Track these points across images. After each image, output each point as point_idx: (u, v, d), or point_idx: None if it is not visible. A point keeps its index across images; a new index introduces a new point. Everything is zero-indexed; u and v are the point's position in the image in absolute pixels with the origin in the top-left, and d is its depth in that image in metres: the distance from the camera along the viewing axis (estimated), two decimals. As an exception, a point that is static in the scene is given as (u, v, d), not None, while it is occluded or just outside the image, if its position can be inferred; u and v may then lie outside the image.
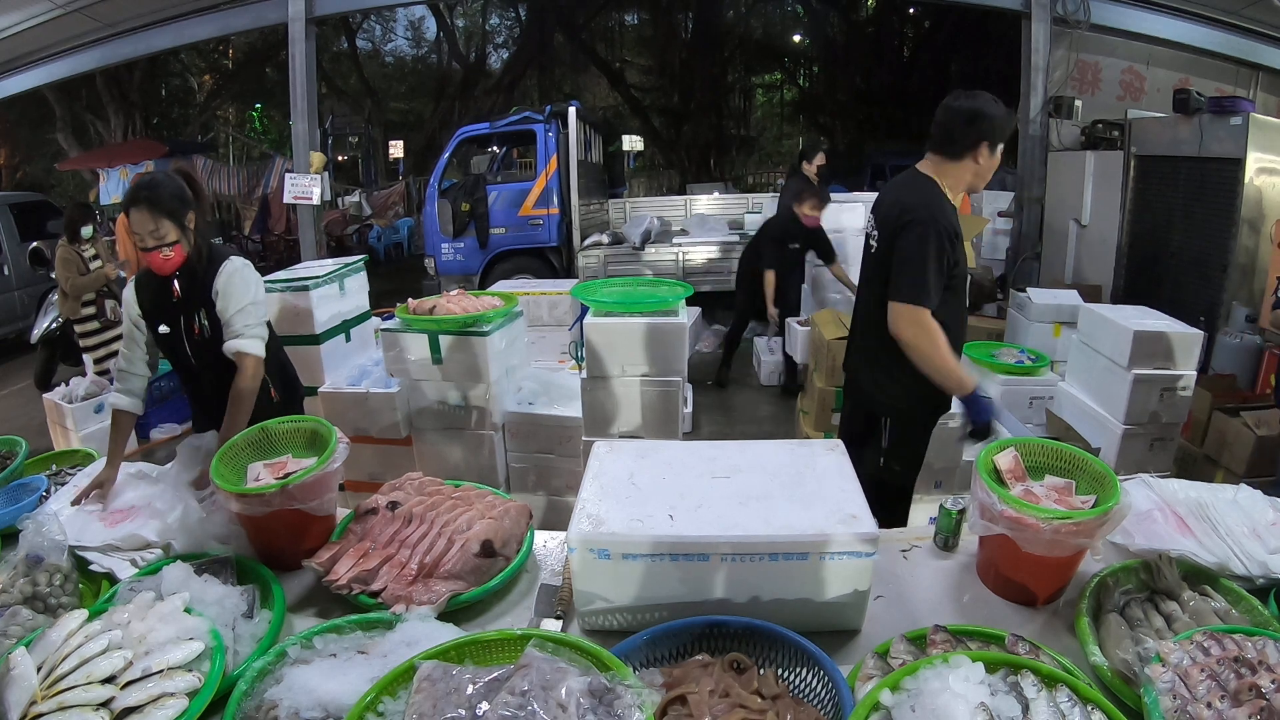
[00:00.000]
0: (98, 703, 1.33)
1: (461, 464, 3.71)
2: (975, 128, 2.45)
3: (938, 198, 2.51)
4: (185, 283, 2.59)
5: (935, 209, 2.47)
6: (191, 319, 2.61)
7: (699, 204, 10.89)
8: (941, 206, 2.49)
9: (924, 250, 2.43)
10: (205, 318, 2.60)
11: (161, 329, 2.63)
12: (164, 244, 2.47)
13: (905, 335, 2.47)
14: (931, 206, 2.47)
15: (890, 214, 2.56)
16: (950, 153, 2.51)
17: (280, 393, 2.86)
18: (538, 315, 4.71)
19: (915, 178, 2.59)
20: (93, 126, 15.10)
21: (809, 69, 22.91)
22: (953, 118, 2.47)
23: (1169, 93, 6.98)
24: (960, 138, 2.47)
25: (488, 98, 19.77)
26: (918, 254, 2.44)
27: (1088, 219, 7.56)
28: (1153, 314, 4.01)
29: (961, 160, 2.50)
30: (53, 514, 1.95)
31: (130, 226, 2.49)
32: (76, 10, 8.23)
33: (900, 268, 2.47)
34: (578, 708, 1.14)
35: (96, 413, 4.95)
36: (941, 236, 2.44)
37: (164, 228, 2.46)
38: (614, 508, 1.65)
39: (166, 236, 2.47)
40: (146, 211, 2.44)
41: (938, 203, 2.50)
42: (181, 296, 2.60)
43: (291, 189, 8.26)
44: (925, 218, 2.44)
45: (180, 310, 2.61)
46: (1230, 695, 1.22)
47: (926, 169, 2.57)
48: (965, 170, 2.51)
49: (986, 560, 1.84)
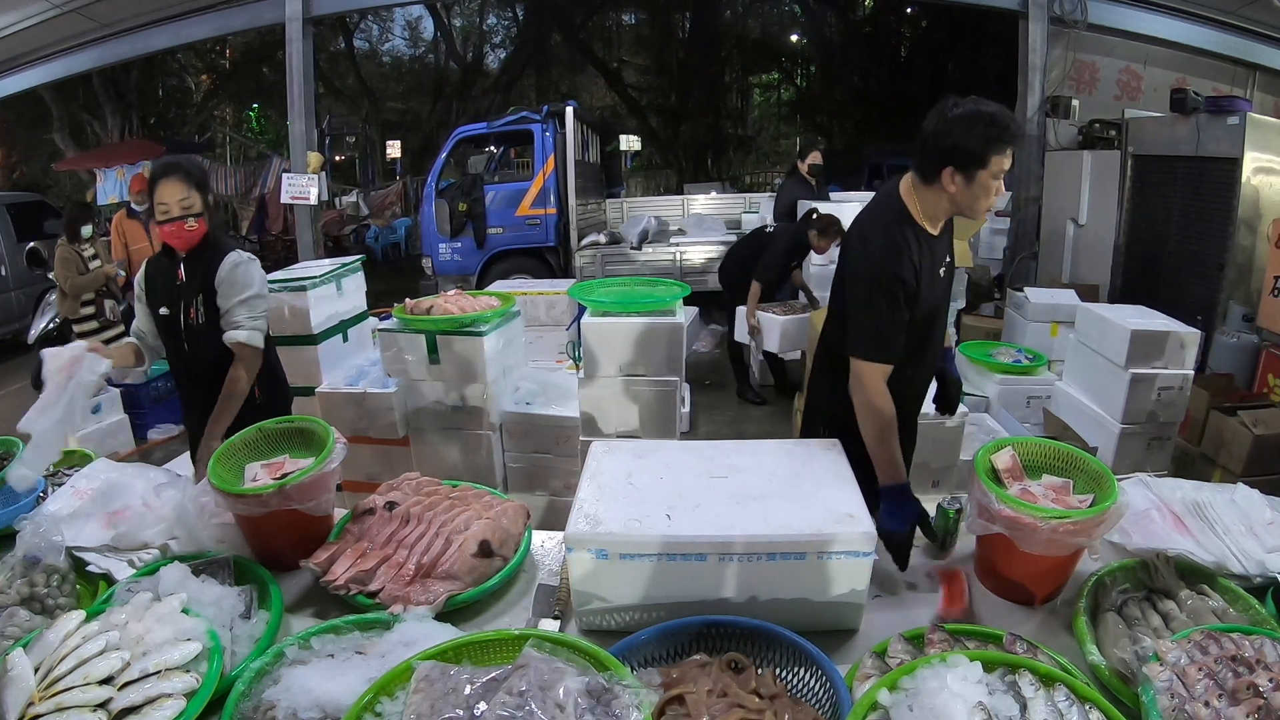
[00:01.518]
0: (95, 704, 1.33)
1: (459, 464, 3.71)
2: (938, 150, 2.02)
3: (887, 230, 2.13)
4: (190, 267, 2.67)
5: (873, 247, 2.12)
6: (190, 303, 2.67)
7: (696, 204, 10.90)
8: (893, 246, 2.09)
9: (866, 295, 2.12)
10: (202, 304, 2.66)
11: (162, 311, 2.70)
12: (190, 214, 2.58)
13: (854, 394, 2.14)
14: (870, 244, 2.14)
15: (847, 242, 2.31)
16: (920, 175, 2.12)
17: (264, 392, 2.84)
18: (535, 315, 4.71)
19: (883, 198, 2.25)
20: (89, 126, 15.06)
21: (806, 69, 22.91)
22: (922, 134, 2.07)
23: (1166, 92, 6.98)
24: (926, 159, 2.07)
25: (485, 97, 19.74)
26: (861, 299, 2.14)
27: (1085, 218, 7.57)
28: (1150, 313, 4.02)
29: (931, 185, 2.09)
30: (50, 515, 1.95)
31: (157, 198, 2.58)
32: (73, 10, 8.20)
33: (851, 315, 2.18)
34: (575, 708, 1.14)
35: (94, 413, 4.94)
36: (876, 278, 2.10)
37: (192, 198, 2.58)
38: (612, 508, 1.65)
39: (193, 207, 2.58)
40: (178, 181, 2.56)
41: (884, 238, 2.11)
42: (185, 280, 2.67)
43: (289, 189, 8.25)
44: (861, 254, 2.16)
45: (181, 294, 2.68)
46: (1228, 694, 1.22)
47: (904, 189, 2.19)
48: (940, 196, 2.09)
49: (984, 559, 1.84)
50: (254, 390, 2.76)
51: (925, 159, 2.06)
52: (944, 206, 2.13)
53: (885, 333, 2.11)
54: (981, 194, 2.05)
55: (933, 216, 2.16)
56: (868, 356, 2.11)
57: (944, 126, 2.00)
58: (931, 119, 2.04)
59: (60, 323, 6.82)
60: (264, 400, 2.82)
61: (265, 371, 2.85)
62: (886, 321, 2.10)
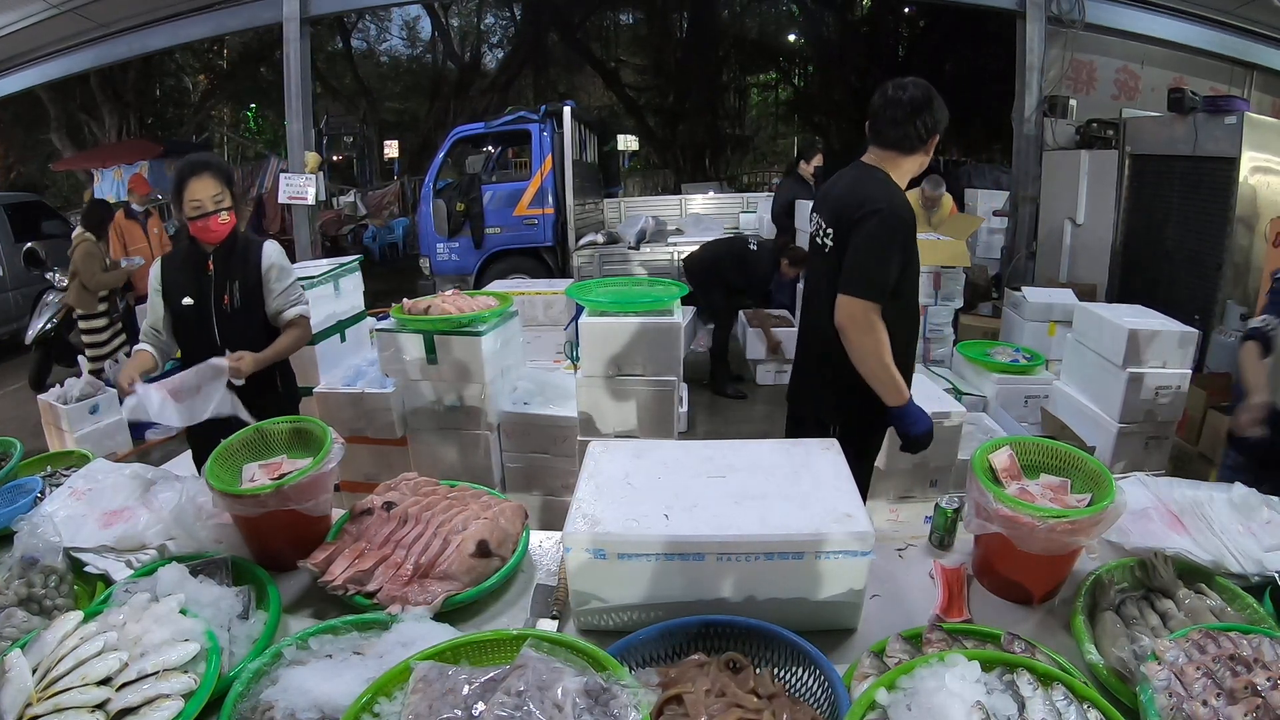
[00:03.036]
0: (93, 704, 1.33)
1: (457, 464, 3.71)
2: (929, 118, 2.35)
3: (896, 190, 2.42)
4: (220, 258, 2.83)
5: (896, 202, 2.38)
6: (224, 292, 2.83)
7: (694, 203, 10.89)
8: (903, 199, 2.41)
9: (884, 242, 2.34)
10: (239, 290, 2.84)
11: (185, 301, 2.82)
12: (223, 208, 2.74)
13: (849, 331, 2.35)
14: (893, 199, 2.38)
15: (847, 207, 2.42)
16: (904, 147, 2.40)
17: (284, 383, 3.08)
18: (533, 315, 4.71)
19: (867, 170, 2.47)
20: (87, 127, 15.05)
21: (804, 68, 22.91)
22: (902, 109, 2.35)
23: (1164, 92, 6.99)
24: (913, 130, 2.36)
25: (483, 97, 19.75)
26: (876, 246, 2.34)
27: (1083, 218, 7.58)
28: (1148, 313, 4.03)
29: (914, 154, 2.41)
30: (48, 515, 1.94)
31: (189, 195, 2.70)
32: (70, 10, 8.18)
33: (855, 259, 2.36)
34: (574, 708, 1.14)
35: (91, 414, 4.93)
36: (904, 229, 2.38)
37: (223, 193, 2.75)
38: (610, 508, 1.65)
39: (224, 201, 2.75)
40: (210, 177, 2.72)
41: (899, 196, 2.41)
42: (215, 271, 2.83)
43: (286, 189, 8.23)
44: (887, 209, 2.34)
45: (212, 284, 2.83)
46: (1226, 693, 1.22)
47: (874, 161, 2.46)
48: (915, 164, 2.44)
49: (982, 559, 1.84)
50: (276, 380, 3.00)
51: (912, 130, 2.36)
52: (912, 173, 2.47)
53: (886, 277, 2.35)
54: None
55: (902, 184, 2.47)
56: (861, 294, 2.33)
57: (929, 96, 2.34)
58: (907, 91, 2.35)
59: (59, 322, 6.82)
60: (284, 390, 3.06)
61: (284, 366, 3.06)
62: (893, 264, 2.36)
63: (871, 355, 2.35)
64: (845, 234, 2.41)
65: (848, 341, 2.37)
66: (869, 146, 2.49)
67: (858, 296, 2.32)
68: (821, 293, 2.52)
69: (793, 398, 2.87)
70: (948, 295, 5.91)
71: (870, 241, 2.34)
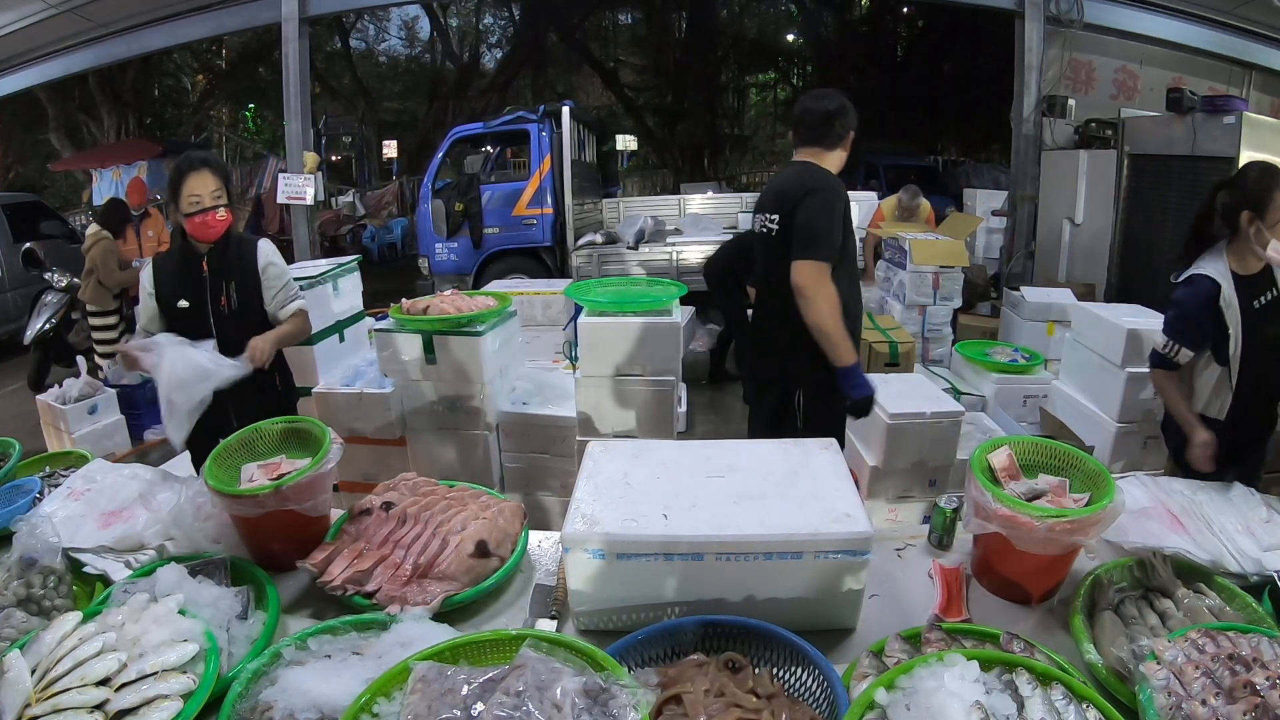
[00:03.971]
0: (92, 705, 1.33)
1: (456, 464, 3.70)
2: (844, 121, 2.84)
3: (830, 174, 2.83)
4: (215, 259, 2.81)
5: (831, 181, 2.79)
6: (219, 292, 2.81)
7: (693, 203, 10.87)
8: (836, 181, 2.82)
9: (828, 212, 2.70)
10: (235, 291, 2.83)
11: (180, 304, 2.80)
12: (220, 204, 2.73)
13: (806, 288, 2.65)
14: (828, 180, 2.79)
15: (789, 192, 2.80)
16: (827, 144, 2.85)
17: (284, 382, 3.08)
18: (532, 315, 4.70)
19: (802, 164, 2.87)
20: (86, 127, 15.04)
21: (803, 68, 22.92)
22: (822, 116, 2.83)
23: (1162, 92, 7.00)
24: (834, 131, 2.83)
25: (482, 97, 19.75)
26: (822, 215, 2.70)
27: (1081, 218, 7.58)
28: (1146, 312, 4.03)
29: (835, 150, 2.86)
30: (46, 516, 1.94)
31: (187, 191, 2.69)
32: (69, 10, 8.17)
33: (804, 229, 2.70)
34: (573, 708, 1.14)
35: (90, 414, 4.92)
36: (842, 201, 2.77)
37: (221, 190, 2.75)
38: (608, 508, 1.65)
39: (222, 197, 2.74)
40: (209, 173, 2.72)
41: (833, 178, 2.82)
42: (210, 271, 2.81)
43: (285, 189, 8.22)
44: (825, 186, 2.74)
45: (207, 284, 2.81)
46: (1225, 692, 1.22)
47: (806, 157, 2.88)
48: (838, 158, 2.88)
49: (981, 558, 1.84)
50: (275, 378, 3.00)
51: (830, 131, 2.83)
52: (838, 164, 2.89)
53: (833, 241, 2.72)
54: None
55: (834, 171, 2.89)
56: (814, 256, 2.67)
57: (841, 103, 2.83)
58: (828, 102, 2.82)
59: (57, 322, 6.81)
60: (283, 388, 3.07)
61: (282, 363, 3.06)
62: (835, 232, 2.73)
63: (827, 312, 2.66)
64: (790, 214, 2.77)
65: (805, 301, 2.67)
66: (797, 147, 2.94)
67: (812, 259, 2.67)
68: (774, 273, 2.85)
69: (753, 374, 3.31)
70: (946, 295, 5.92)
71: (816, 212, 2.71)
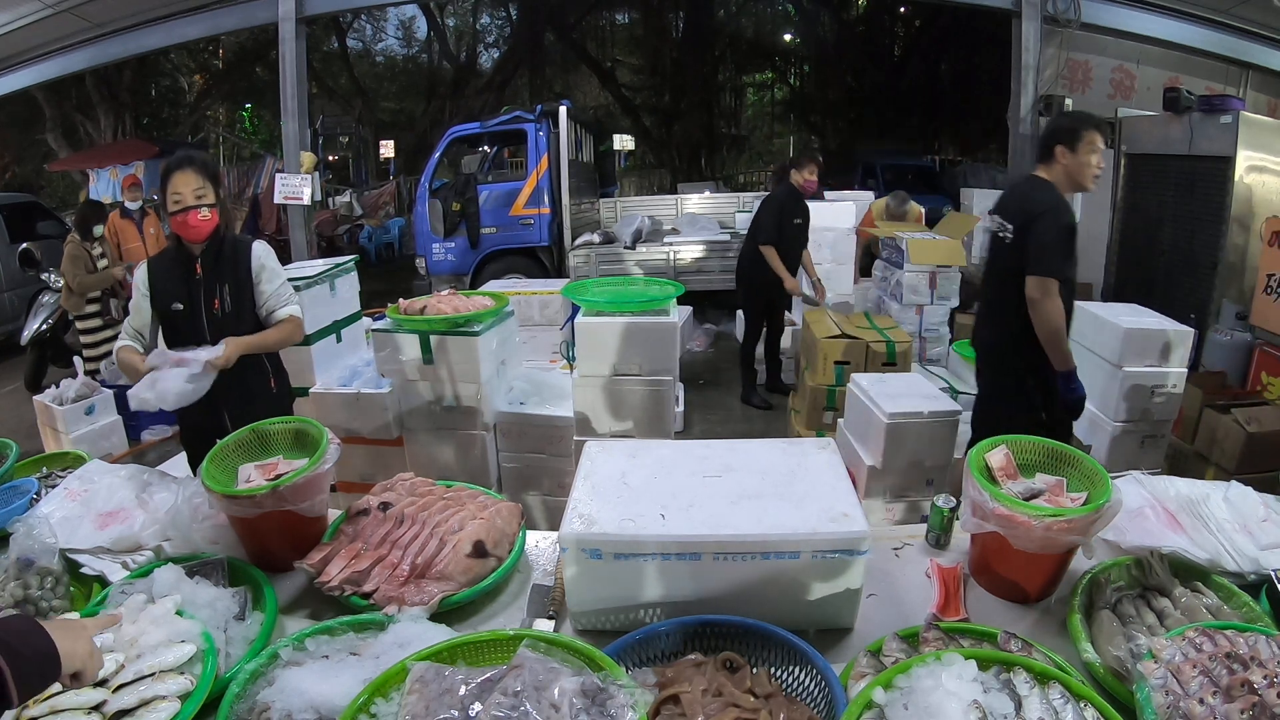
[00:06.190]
0: (90, 706, 1.32)
1: (453, 464, 3.70)
2: (1054, 137, 3.13)
3: (1059, 196, 3.10)
4: (209, 260, 2.77)
5: (1063, 204, 3.08)
6: (213, 295, 2.77)
7: (690, 203, 10.88)
8: (1065, 203, 3.09)
9: (1058, 233, 3.01)
10: (229, 293, 2.78)
11: (175, 307, 2.76)
12: (204, 203, 2.67)
13: (1039, 301, 2.98)
14: (1060, 202, 3.07)
15: (1028, 209, 3.10)
16: (1045, 160, 3.16)
17: (278, 384, 3.04)
18: (529, 315, 4.71)
19: (1037, 180, 3.18)
20: (82, 127, 15.02)
21: (800, 68, 22.95)
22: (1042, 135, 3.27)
23: (1159, 91, 7.01)
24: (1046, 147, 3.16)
25: (479, 97, 19.74)
26: (1053, 236, 3.00)
27: (1079, 217, 7.57)
28: (1143, 312, 4.04)
29: (1052, 164, 3.13)
30: (44, 517, 1.94)
31: (171, 189, 2.66)
32: (66, 10, 8.17)
33: (1038, 249, 3.01)
34: (571, 708, 1.14)
35: (87, 414, 4.92)
36: (1068, 224, 3.05)
37: (206, 188, 2.68)
38: (606, 507, 1.64)
39: (206, 197, 2.67)
40: (193, 172, 2.66)
41: (1063, 201, 3.09)
42: (204, 273, 2.77)
43: (282, 189, 8.22)
44: (1058, 208, 3.04)
45: (201, 287, 2.77)
46: (1222, 691, 1.22)
47: (1038, 172, 3.19)
48: (1058, 170, 3.12)
49: (979, 558, 1.84)
50: (270, 380, 2.98)
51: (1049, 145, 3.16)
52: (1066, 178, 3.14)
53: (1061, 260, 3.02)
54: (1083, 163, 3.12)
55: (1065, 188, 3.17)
56: (1047, 273, 2.98)
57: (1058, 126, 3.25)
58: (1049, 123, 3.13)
59: (54, 323, 6.81)
60: (278, 390, 3.02)
61: (277, 366, 3.04)
62: (1063, 253, 3.04)
63: (1052, 320, 3.00)
64: (1024, 228, 3.07)
65: (1036, 310, 3.01)
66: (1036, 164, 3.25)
67: (1043, 275, 2.98)
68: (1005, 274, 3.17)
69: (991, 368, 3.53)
70: (943, 295, 5.93)
71: (1049, 232, 3.00)
